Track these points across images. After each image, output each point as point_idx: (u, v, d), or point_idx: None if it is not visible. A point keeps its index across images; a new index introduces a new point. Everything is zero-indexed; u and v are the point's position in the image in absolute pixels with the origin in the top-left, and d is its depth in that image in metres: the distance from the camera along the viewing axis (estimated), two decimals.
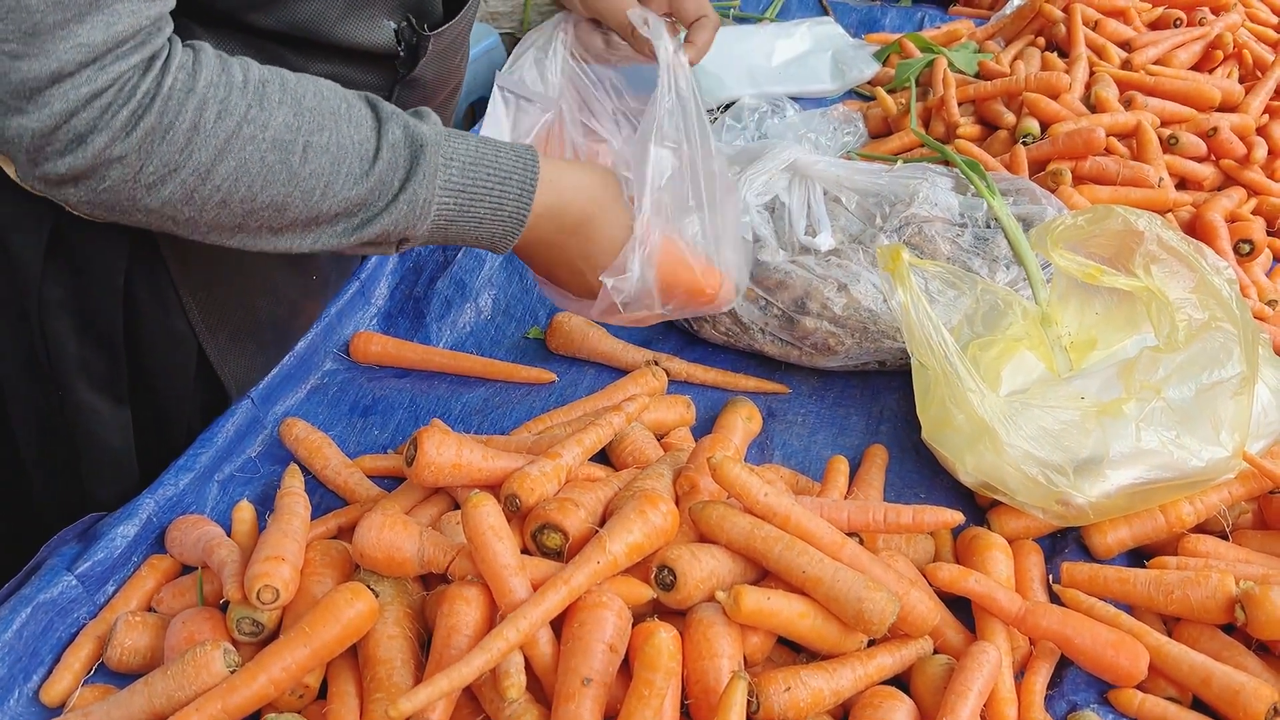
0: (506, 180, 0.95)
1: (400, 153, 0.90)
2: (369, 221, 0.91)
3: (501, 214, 0.96)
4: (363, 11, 1.04)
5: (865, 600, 0.88)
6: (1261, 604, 0.93)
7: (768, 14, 2.40)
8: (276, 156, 0.84)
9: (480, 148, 0.95)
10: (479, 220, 0.96)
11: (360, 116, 0.90)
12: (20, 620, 0.93)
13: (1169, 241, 1.10)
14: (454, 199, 0.93)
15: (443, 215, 0.94)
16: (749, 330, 1.32)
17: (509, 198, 0.96)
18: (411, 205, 0.91)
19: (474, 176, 0.94)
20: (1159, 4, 2.09)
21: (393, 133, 0.90)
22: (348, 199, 0.89)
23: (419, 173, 0.90)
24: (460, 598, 0.89)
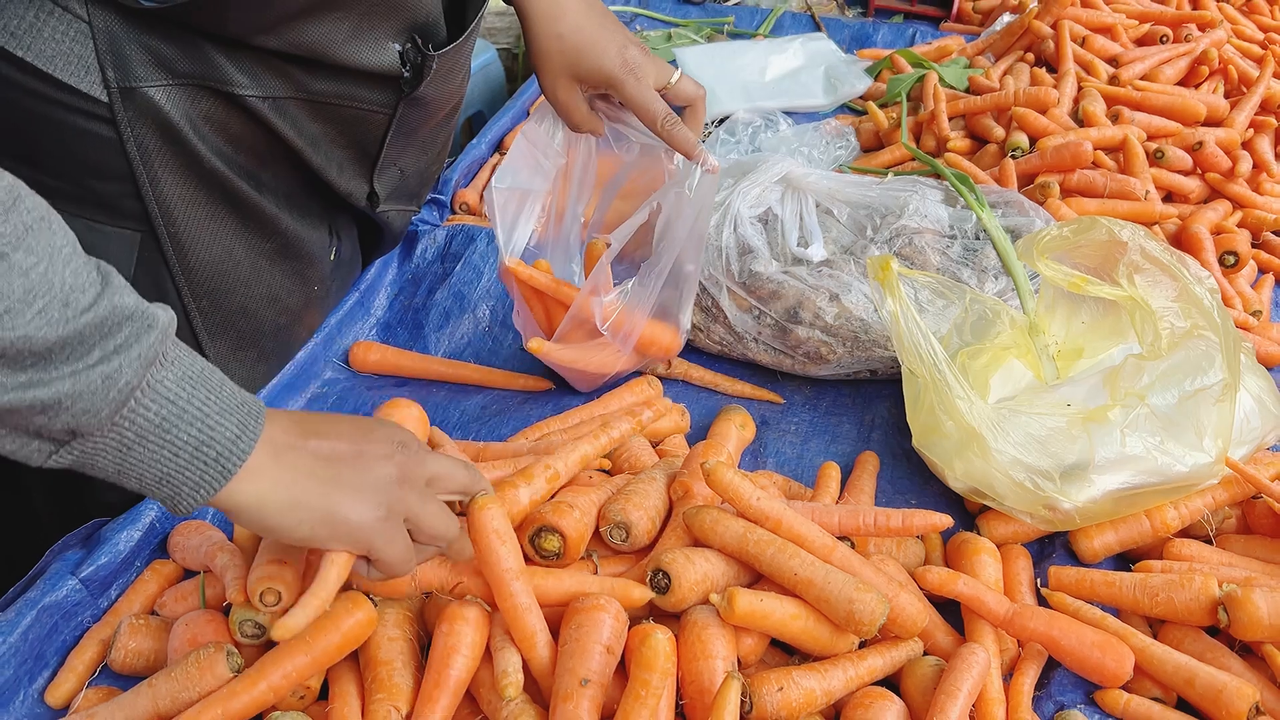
0: (226, 413, 0.76)
1: (122, 319, 0.71)
2: (42, 382, 0.67)
3: (207, 452, 0.75)
4: (368, 35, 1.06)
5: (856, 601, 0.90)
6: (1244, 606, 0.95)
7: (761, 30, 2.43)
8: None
9: (208, 369, 0.77)
10: (175, 450, 0.74)
11: (87, 269, 0.71)
12: (26, 623, 0.94)
13: (1152, 251, 1.12)
14: (158, 407, 0.72)
15: (137, 423, 0.72)
16: (743, 339, 1.34)
17: (221, 434, 0.75)
18: (108, 381, 0.69)
19: (191, 393, 0.74)
20: (1145, 21, 2.13)
21: (123, 297, 0.72)
22: (28, 338, 0.66)
23: (133, 350, 0.71)
24: (460, 617, 0.90)
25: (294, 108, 1.07)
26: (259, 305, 1.18)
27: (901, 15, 2.57)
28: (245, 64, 1.00)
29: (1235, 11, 2.30)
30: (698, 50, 2.23)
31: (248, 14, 0.95)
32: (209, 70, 0.99)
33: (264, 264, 1.16)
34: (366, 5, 1.02)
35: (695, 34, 2.40)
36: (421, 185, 1.36)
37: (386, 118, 1.16)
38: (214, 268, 1.10)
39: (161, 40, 0.96)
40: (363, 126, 1.15)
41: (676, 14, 2.51)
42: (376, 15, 1.05)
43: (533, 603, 0.90)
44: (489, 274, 1.50)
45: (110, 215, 1.01)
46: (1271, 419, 1.16)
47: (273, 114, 1.05)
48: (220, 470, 0.75)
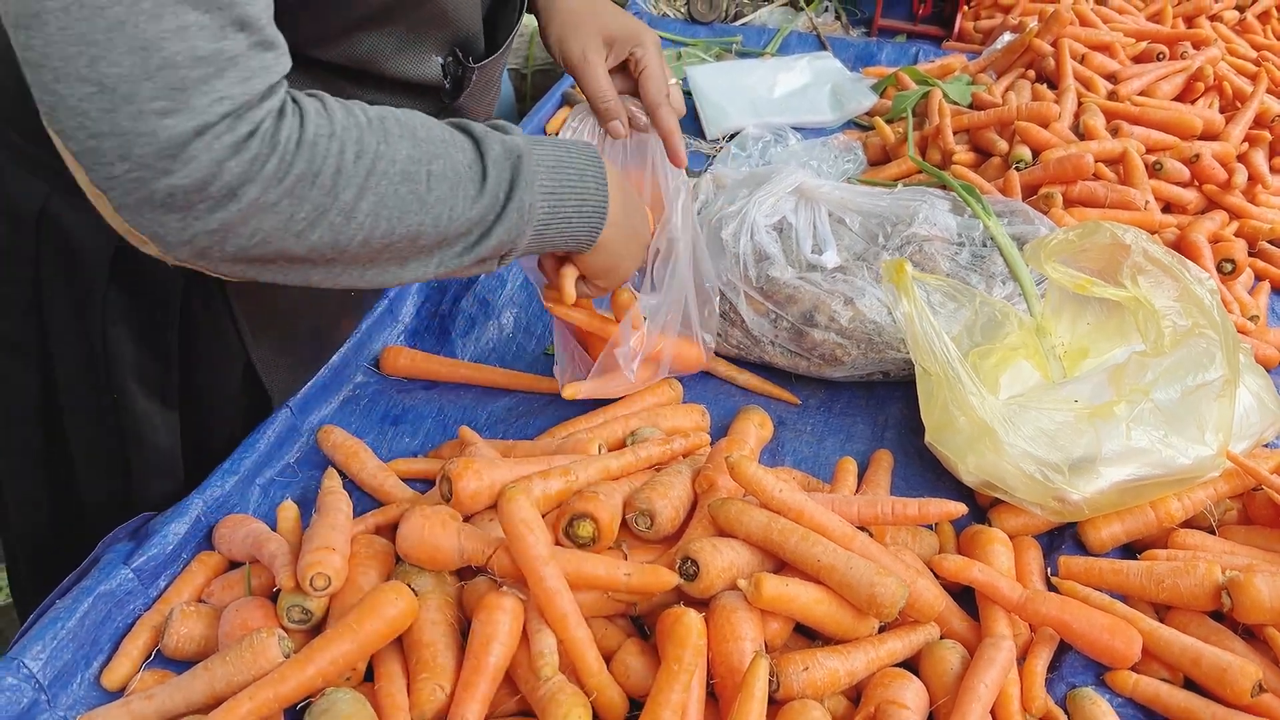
0: (584, 176, 1.01)
1: (503, 166, 0.95)
2: (484, 237, 0.95)
3: (585, 210, 1.03)
4: (414, 48, 1.11)
5: (877, 585, 0.95)
6: (1246, 590, 1.00)
7: (769, 49, 2.50)
8: (408, 188, 0.88)
9: (556, 150, 1.01)
10: (568, 220, 1.01)
11: (461, 140, 0.94)
12: (83, 609, 0.98)
13: (1154, 254, 1.17)
14: (547, 202, 0.98)
15: (541, 219, 0.99)
16: (759, 343, 1.39)
17: (589, 193, 1.02)
18: (520, 213, 0.96)
19: (559, 178, 0.99)
20: (1142, 39, 2.19)
21: (493, 149, 0.95)
22: (468, 218, 0.93)
23: (521, 182, 0.95)
24: (498, 607, 0.94)
25: None
26: (300, 309, 1.23)
27: (904, 35, 2.64)
28: (296, 77, 1.05)
29: (1229, 30, 2.37)
30: (708, 68, 2.29)
31: (301, 27, 1.00)
32: None
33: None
34: (415, 18, 1.07)
35: (704, 53, 2.46)
36: None
37: None
38: None
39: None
40: None
41: (686, 34, 2.57)
42: (423, 28, 1.10)
43: (563, 586, 0.94)
44: (512, 282, 1.55)
45: None
46: (1270, 415, 1.21)
47: None
48: (599, 216, 1.05)
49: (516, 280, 1.55)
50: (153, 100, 0.71)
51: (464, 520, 1.05)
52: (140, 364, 1.13)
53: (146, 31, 0.70)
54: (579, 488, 1.08)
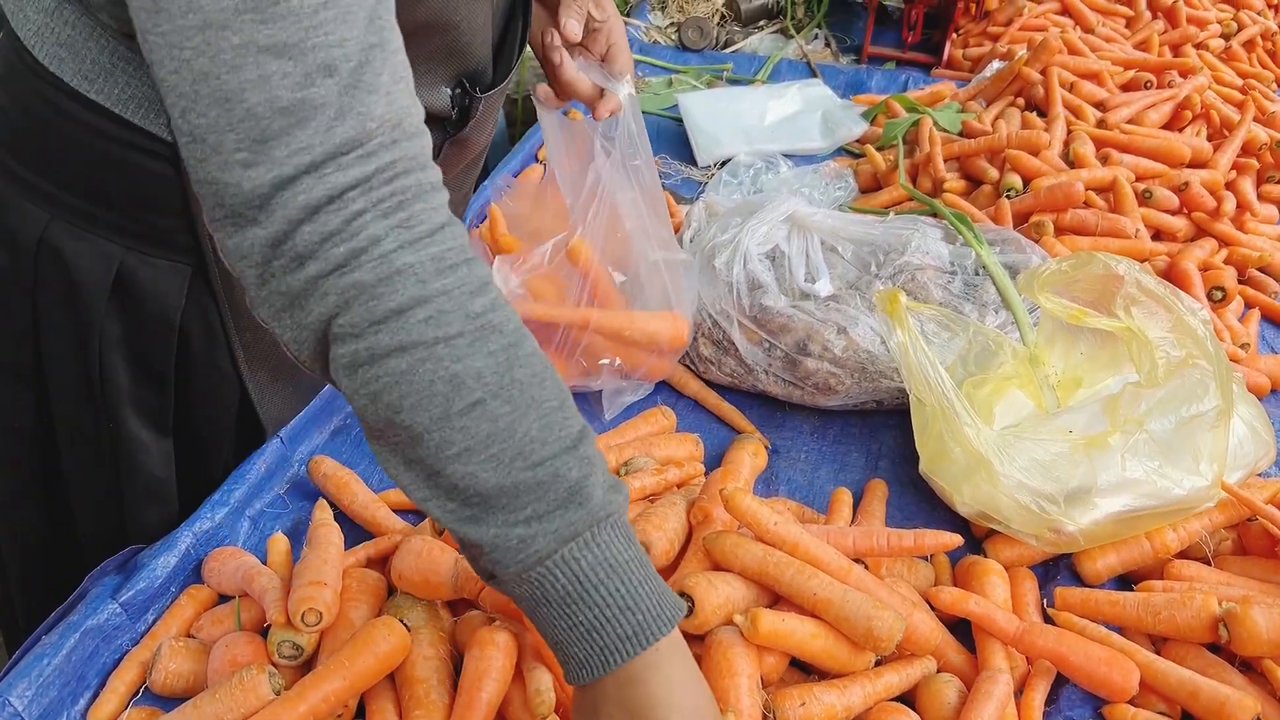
0: (628, 611, 0.78)
1: (557, 490, 0.76)
2: (474, 520, 0.76)
3: (596, 639, 0.78)
4: (425, 78, 1.11)
5: (874, 619, 0.94)
6: (1243, 622, 0.99)
7: (759, 76, 2.51)
8: (444, 390, 0.73)
9: (632, 563, 0.79)
10: (569, 625, 0.78)
11: (559, 427, 0.77)
12: (69, 646, 0.97)
13: (1147, 285, 1.17)
14: (565, 581, 0.77)
15: (543, 588, 0.77)
16: (753, 371, 1.38)
17: (614, 630, 0.78)
18: (523, 545, 0.76)
19: (604, 579, 0.77)
20: (1130, 67, 2.21)
21: (569, 467, 0.77)
22: (475, 482, 0.75)
23: (555, 520, 0.76)
24: (491, 643, 0.93)
25: None
26: None
27: (894, 62, 2.65)
28: None
29: (1215, 59, 2.39)
30: (699, 95, 2.30)
31: None
32: None
33: None
34: (430, 49, 1.08)
35: (695, 80, 2.47)
36: None
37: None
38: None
39: None
40: None
41: (677, 61, 2.59)
42: (436, 59, 1.10)
43: None
44: None
45: (165, 249, 1.06)
46: (1264, 445, 1.21)
47: None
48: (603, 660, 0.78)
49: None
50: (235, 151, 0.70)
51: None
52: (136, 392, 1.12)
53: (228, 83, 0.69)
54: None
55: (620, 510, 0.80)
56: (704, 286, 1.42)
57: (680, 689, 0.80)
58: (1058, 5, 2.58)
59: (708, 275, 1.42)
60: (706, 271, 1.42)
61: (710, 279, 1.41)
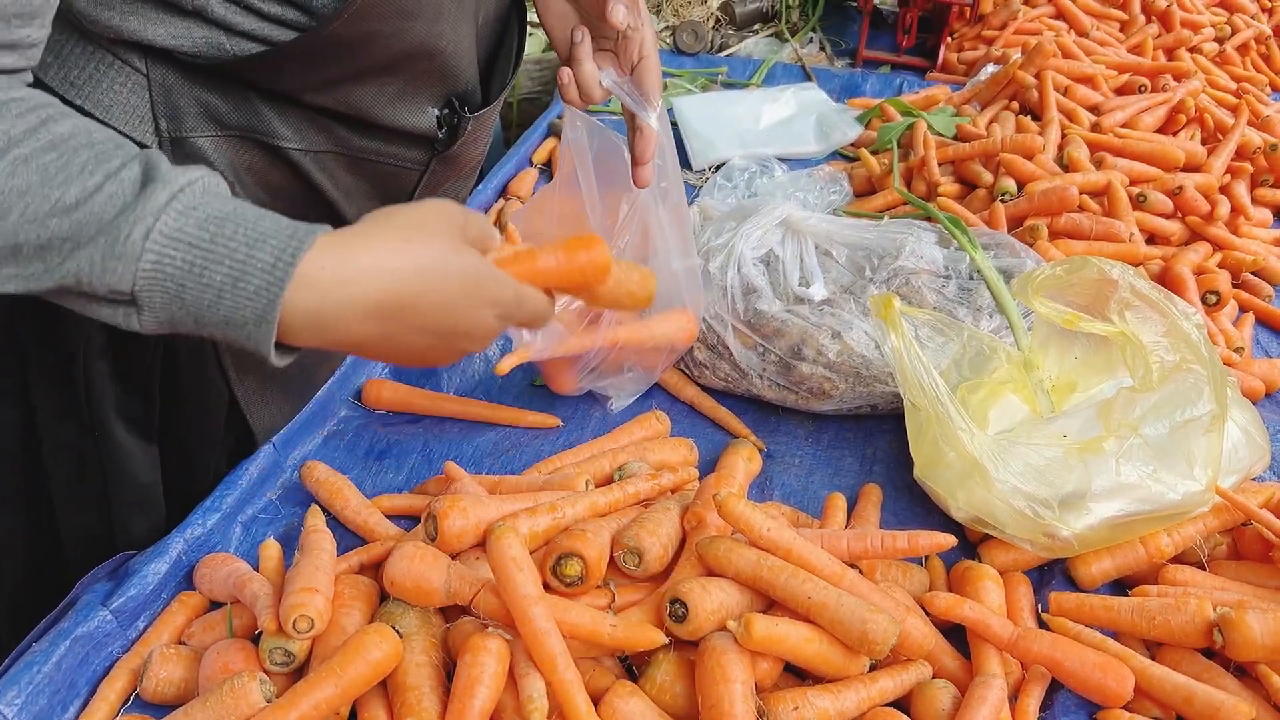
0: (259, 244, 0.76)
1: (127, 186, 0.75)
2: (69, 256, 0.74)
3: (245, 287, 0.75)
4: (411, 99, 1.11)
5: (869, 622, 0.94)
6: (1238, 627, 0.99)
7: (754, 80, 2.51)
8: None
9: (242, 208, 0.78)
10: (218, 292, 0.75)
11: (112, 152, 0.77)
12: (59, 653, 0.97)
13: (1141, 289, 1.17)
14: (183, 253, 0.74)
15: (166, 270, 0.74)
16: (747, 376, 1.38)
17: (256, 266, 0.76)
18: (113, 240, 0.73)
19: (216, 232, 0.75)
20: (1124, 71, 2.21)
21: (129, 169, 0.76)
22: (50, 229, 0.73)
23: (137, 208, 0.74)
24: (483, 649, 0.92)
25: (332, 161, 1.12)
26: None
27: (889, 66, 2.66)
28: (291, 119, 1.05)
29: (1209, 63, 2.39)
30: (693, 99, 2.30)
31: (302, 73, 1.00)
32: (257, 123, 1.04)
33: None
34: (414, 72, 1.07)
35: (690, 84, 2.47)
36: None
37: (418, 173, 1.21)
38: None
39: (214, 94, 1.01)
40: (395, 181, 1.20)
41: (672, 64, 2.59)
42: (421, 82, 1.10)
43: (552, 627, 0.93)
44: None
45: None
46: (1258, 450, 1.21)
47: (312, 166, 1.10)
48: (267, 302, 0.75)
49: None
50: None
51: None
52: (121, 400, 1.11)
53: None
54: (566, 525, 1.07)
55: (204, 175, 0.78)
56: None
57: (380, 270, 0.79)
58: (1052, 9, 2.59)
59: (702, 279, 1.41)
60: (701, 276, 1.42)
61: (705, 283, 1.41)
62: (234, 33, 0.96)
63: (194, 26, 0.95)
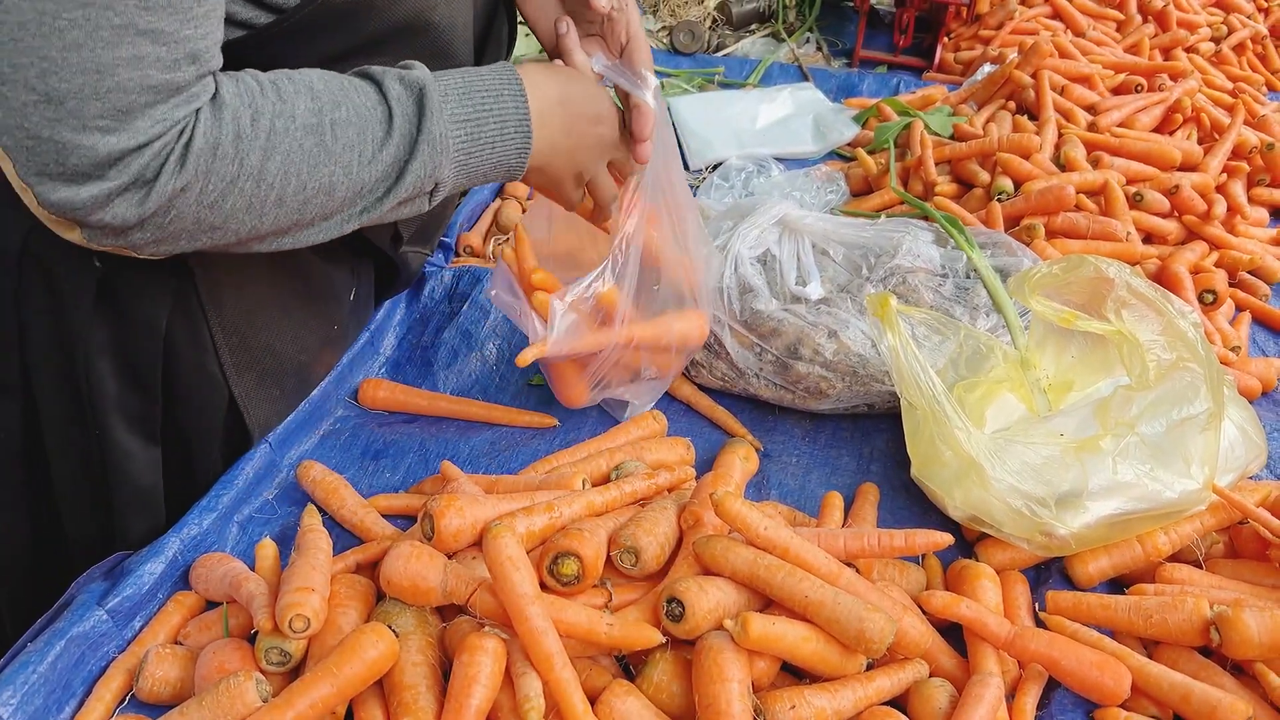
0: (500, 96, 1.01)
1: (406, 103, 0.95)
2: (401, 177, 0.96)
3: (508, 131, 1.02)
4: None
5: (866, 621, 0.94)
6: (1235, 626, 0.99)
7: (751, 80, 2.51)
8: (312, 140, 0.90)
9: (465, 77, 1.01)
10: (491, 144, 1.01)
11: (361, 86, 0.95)
12: (55, 653, 0.96)
13: (1137, 288, 1.17)
14: (463, 129, 0.98)
15: (459, 148, 0.99)
16: (744, 375, 1.38)
17: (508, 114, 1.01)
18: (431, 145, 0.96)
19: (472, 103, 0.99)
20: (1121, 71, 2.21)
21: (393, 87, 0.95)
22: (381, 161, 0.94)
23: (427, 112, 0.95)
24: (480, 648, 0.92)
25: None
26: (283, 344, 1.22)
27: (885, 66, 2.66)
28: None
29: (1205, 62, 2.40)
30: (691, 99, 2.30)
31: (293, 55, 0.99)
32: None
33: (291, 304, 1.20)
34: (411, 49, 1.07)
35: (687, 84, 2.47)
36: (435, 228, 1.41)
37: None
38: (244, 308, 1.14)
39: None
40: None
41: (669, 64, 2.59)
42: (418, 59, 1.09)
43: (549, 626, 0.93)
44: (495, 313, 1.54)
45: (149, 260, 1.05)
46: (1254, 448, 1.21)
47: None
48: (523, 136, 1.03)
49: (499, 311, 1.54)
50: (98, 119, 0.78)
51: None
52: (123, 399, 1.11)
53: (102, 58, 0.76)
54: (563, 524, 1.07)
55: (418, 64, 1.01)
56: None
57: (550, 80, 1.08)
58: (1048, 9, 2.59)
59: None
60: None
61: None
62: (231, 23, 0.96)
63: None
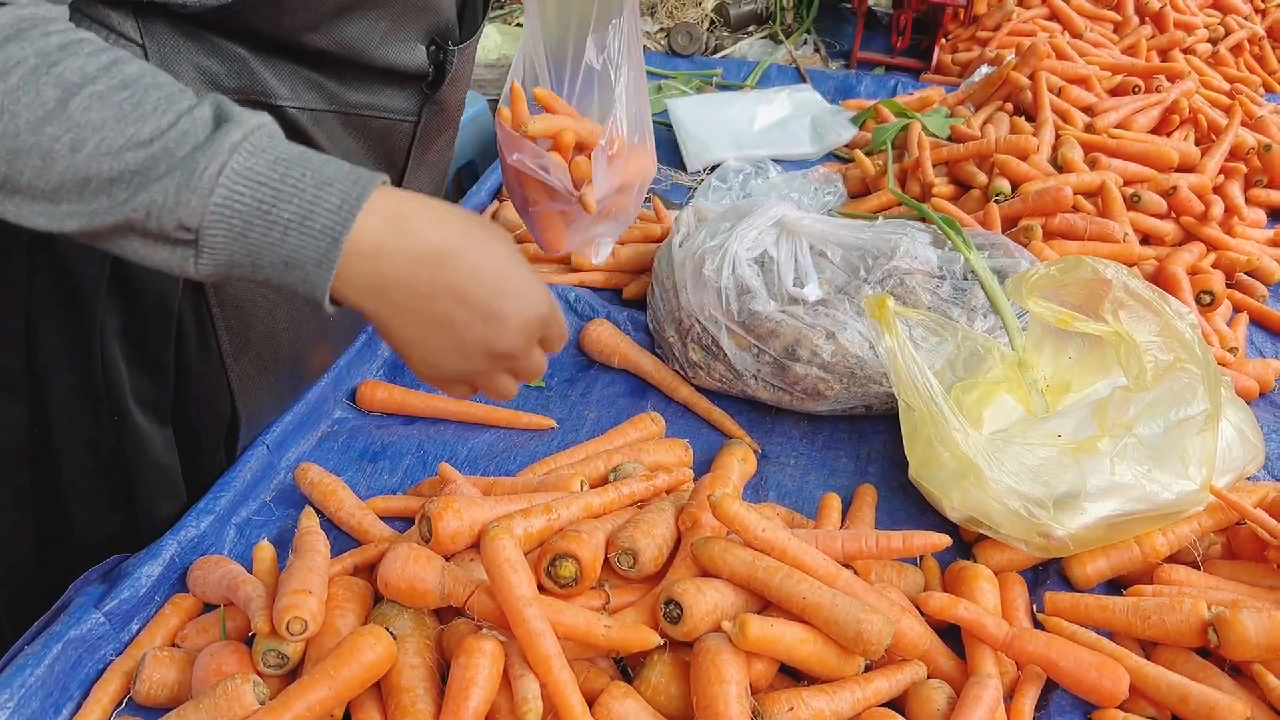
0: (325, 186, 0.79)
1: (200, 125, 0.77)
2: (138, 190, 0.75)
3: (312, 225, 0.78)
4: (400, 35, 1.11)
5: (864, 622, 0.94)
6: (1232, 627, 0.99)
7: (749, 81, 2.51)
8: (54, 94, 0.74)
9: (307, 153, 0.81)
10: (283, 229, 0.78)
11: (180, 95, 0.79)
12: (52, 656, 0.96)
13: (1135, 289, 1.17)
14: (252, 191, 0.77)
15: (235, 207, 0.77)
16: (742, 377, 1.38)
17: (323, 206, 0.78)
18: (189, 174, 0.75)
19: (285, 173, 0.78)
20: (1118, 72, 2.22)
21: (201, 109, 0.78)
22: (124, 159, 0.75)
23: (212, 145, 0.76)
24: (478, 650, 0.92)
25: (330, 120, 1.12)
26: (281, 329, 1.22)
27: (883, 67, 2.66)
28: (285, 76, 1.05)
29: (1202, 64, 2.40)
30: (688, 100, 2.30)
31: (298, 10, 0.99)
32: (253, 83, 1.04)
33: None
34: (400, 6, 1.08)
35: (685, 85, 2.47)
36: None
37: (412, 126, 1.22)
38: (244, 289, 1.14)
39: (210, 57, 1.01)
40: (390, 139, 1.21)
41: (666, 66, 2.59)
42: (407, 15, 1.11)
43: (547, 628, 0.93)
44: None
45: None
46: (1252, 449, 1.21)
47: (311, 125, 1.10)
48: (330, 241, 0.78)
49: None
50: None
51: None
52: (135, 383, 1.11)
53: None
54: (561, 526, 1.07)
55: (269, 119, 0.80)
56: (693, 291, 1.41)
57: (433, 222, 0.83)
58: (1046, 10, 2.59)
59: (697, 280, 1.41)
60: (695, 277, 1.42)
61: (699, 284, 1.41)
62: None
63: None
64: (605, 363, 1.50)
